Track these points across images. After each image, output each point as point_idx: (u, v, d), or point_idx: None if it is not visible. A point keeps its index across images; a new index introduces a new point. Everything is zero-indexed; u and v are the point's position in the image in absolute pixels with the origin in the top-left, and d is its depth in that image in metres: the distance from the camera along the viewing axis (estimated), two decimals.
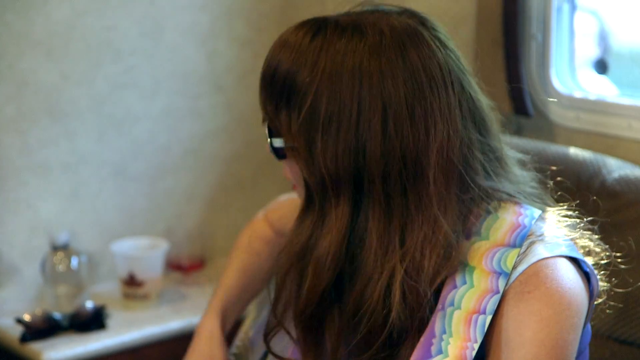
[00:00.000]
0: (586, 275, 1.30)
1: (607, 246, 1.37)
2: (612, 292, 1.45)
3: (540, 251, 1.27)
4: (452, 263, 1.26)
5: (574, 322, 1.25)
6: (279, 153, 1.34)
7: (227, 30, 2.67)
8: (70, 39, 2.45)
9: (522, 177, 1.38)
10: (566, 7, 2.17)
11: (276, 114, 1.30)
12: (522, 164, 1.40)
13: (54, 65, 2.44)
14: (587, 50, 2.22)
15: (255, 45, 2.72)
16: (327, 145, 1.25)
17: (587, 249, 1.34)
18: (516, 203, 1.32)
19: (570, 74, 2.19)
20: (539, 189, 1.40)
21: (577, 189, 1.49)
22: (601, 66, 2.20)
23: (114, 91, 2.53)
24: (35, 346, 2.27)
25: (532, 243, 1.28)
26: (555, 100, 2.12)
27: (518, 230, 1.29)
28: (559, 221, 1.35)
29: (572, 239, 1.33)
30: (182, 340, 2.40)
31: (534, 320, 1.23)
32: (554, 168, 1.42)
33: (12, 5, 2.36)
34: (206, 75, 2.67)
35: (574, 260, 1.29)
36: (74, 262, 2.41)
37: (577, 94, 2.16)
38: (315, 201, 1.29)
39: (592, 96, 2.13)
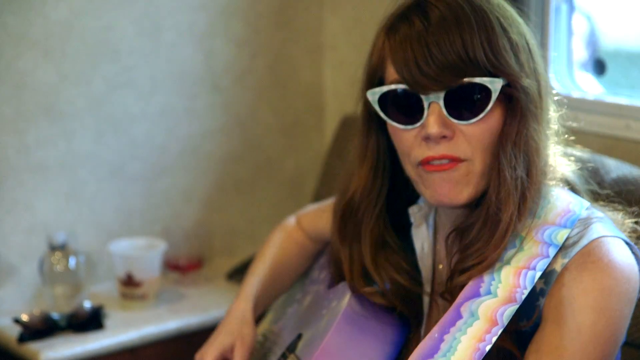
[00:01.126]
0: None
1: None
2: None
3: (600, 229, 1.33)
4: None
5: (631, 297, 1.31)
6: (489, 100, 1.36)
7: (225, 30, 2.67)
8: (68, 39, 2.45)
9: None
10: (564, 8, 2.17)
11: (487, 62, 1.34)
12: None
13: (52, 66, 2.44)
14: (577, 51, 2.23)
15: (252, 45, 2.72)
16: (523, 66, 1.37)
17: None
18: (566, 190, 1.40)
19: (568, 74, 2.19)
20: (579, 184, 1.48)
21: (575, 189, 1.49)
22: (599, 67, 2.20)
23: (111, 91, 2.53)
24: (33, 346, 2.26)
25: (591, 222, 1.34)
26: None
27: (569, 215, 1.35)
28: (605, 211, 1.41)
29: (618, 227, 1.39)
30: (180, 340, 2.41)
31: (595, 288, 1.28)
32: (552, 166, 1.43)
33: (10, 6, 2.36)
34: (204, 75, 2.67)
35: (627, 244, 1.35)
36: (72, 262, 2.40)
37: (575, 94, 2.16)
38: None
39: (590, 96, 2.13)
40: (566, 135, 1.47)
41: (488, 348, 1.25)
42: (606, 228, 1.34)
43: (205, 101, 2.68)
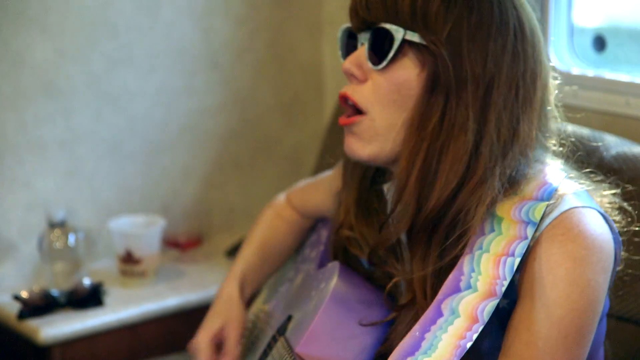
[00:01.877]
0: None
1: (629, 209, 1.41)
2: (627, 278, 1.47)
3: (572, 201, 1.31)
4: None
5: (605, 265, 1.29)
6: (399, 52, 1.32)
7: (224, 7, 2.66)
8: (66, 16, 2.44)
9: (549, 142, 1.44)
10: None
11: (409, 14, 1.31)
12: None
13: (50, 43, 2.43)
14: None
15: (251, 22, 2.71)
16: (471, 45, 1.30)
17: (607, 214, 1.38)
18: (543, 164, 1.37)
19: (568, 50, 2.18)
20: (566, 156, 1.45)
21: (576, 162, 1.49)
22: (599, 43, 2.20)
23: (110, 68, 2.52)
24: (32, 323, 2.27)
25: (564, 194, 1.32)
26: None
27: (546, 187, 1.33)
28: (584, 183, 1.39)
29: (596, 200, 1.37)
30: (180, 317, 2.42)
31: (567, 259, 1.27)
32: (552, 143, 1.43)
33: None
34: (202, 52, 2.66)
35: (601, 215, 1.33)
36: (71, 239, 2.40)
37: (575, 71, 2.15)
38: (438, 101, 1.31)
39: (590, 73, 2.13)
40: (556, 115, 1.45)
41: (469, 345, 1.24)
42: (579, 199, 1.32)
43: (204, 78, 2.68)
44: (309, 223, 1.77)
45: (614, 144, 1.80)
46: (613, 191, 1.41)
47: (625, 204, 1.42)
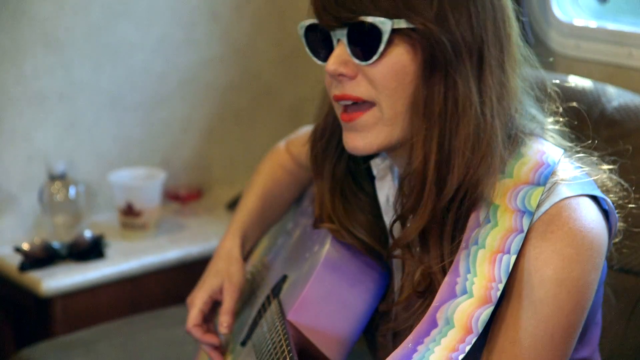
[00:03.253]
0: (605, 214, 1.30)
1: (626, 185, 1.38)
2: (629, 233, 1.46)
3: (563, 191, 1.27)
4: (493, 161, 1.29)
5: (595, 262, 1.26)
6: (388, 43, 1.27)
7: None
8: None
9: (540, 110, 1.39)
10: None
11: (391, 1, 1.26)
12: (539, 98, 1.41)
13: None
14: None
15: None
16: (459, 17, 1.27)
17: (605, 188, 1.35)
18: (537, 138, 1.33)
19: (570, 1, 2.17)
20: (559, 126, 1.40)
21: (576, 118, 1.48)
22: None
23: (109, 20, 2.51)
24: (34, 275, 2.28)
25: (555, 183, 1.28)
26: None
27: (542, 168, 1.29)
28: (580, 159, 1.35)
29: (592, 177, 1.33)
30: (180, 269, 2.43)
31: (556, 259, 1.24)
32: (555, 90, 1.42)
33: None
34: (202, 3, 2.64)
35: (594, 199, 1.29)
36: (72, 191, 2.40)
37: (578, 22, 2.14)
38: (437, 83, 1.28)
39: (592, 24, 2.12)
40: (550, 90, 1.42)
41: (461, 357, 1.21)
42: (571, 188, 1.28)
43: (204, 30, 2.66)
44: (308, 174, 1.74)
45: (617, 96, 1.79)
46: (610, 167, 1.38)
47: (622, 181, 1.39)
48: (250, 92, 2.78)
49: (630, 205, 1.40)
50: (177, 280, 2.45)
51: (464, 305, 1.25)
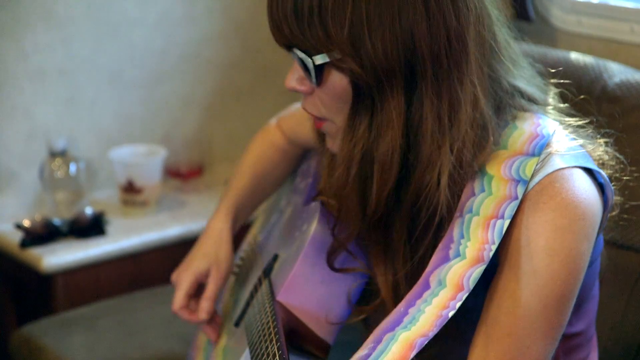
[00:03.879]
0: (601, 187, 1.30)
1: (622, 158, 1.38)
2: (627, 206, 1.46)
3: (556, 162, 1.27)
4: (486, 150, 1.27)
5: (587, 232, 1.26)
6: (320, 72, 1.27)
7: None
8: None
9: (540, 85, 1.38)
10: None
11: (310, 33, 1.24)
12: (539, 72, 1.40)
13: None
14: None
15: None
16: (376, 41, 1.23)
17: (601, 161, 1.35)
18: (534, 113, 1.33)
19: None
20: (555, 98, 1.40)
21: (578, 94, 1.48)
22: None
23: None
24: (35, 251, 2.28)
25: (549, 154, 1.28)
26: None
27: (537, 139, 1.29)
28: (576, 132, 1.35)
29: (587, 150, 1.33)
30: (181, 246, 2.42)
31: (548, 229, 1.24)
32: (555, 70, 1.41)
33: None
34: None
35: (589, 172, 1.29)
36: (72, 168, 2.40)
37: None
38: (365, 104, 1.27)
39: (594, 0, 2.11)
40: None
41: (451, 314, 1.22)
42: (565, 160, 1.28)
43: (204, 6, 2.65)
44: (300, 151, 1.72)
45: (618, 72, 1.78)
46: (607, 139, 1.38)
47: (617, 154, 1.39)
48: (251, 69, 2.77)
49: (625, 178, 1.40)
50: (177, 257, 2.43)
51: (456, 267, 1.25)
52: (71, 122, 2.51)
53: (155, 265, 2.45)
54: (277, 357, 1.23)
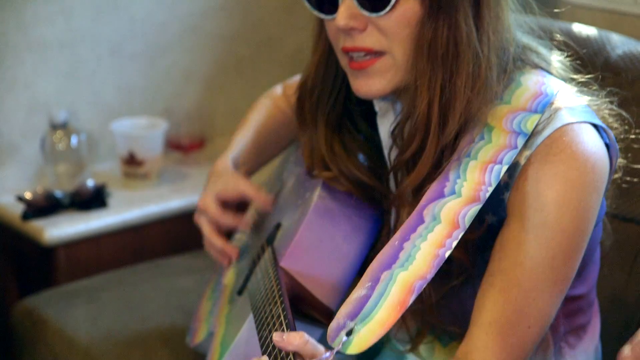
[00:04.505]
0: (606, 147, 1.31)
1: (627, 116, 1.38)
2: (629, 169, 1.47)
3: (565, 116, 1.29)
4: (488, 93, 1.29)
5: (597, 185, 1.28)
6: None
7: None
8: None
9: (546, 43, 1.40)
10: None
11: None
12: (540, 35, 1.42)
13: None
14: None
15: None
16: None
17: (605, 123, 1.35)
18: (540, 70, 1.34)
19: None
20: (561, 59, 1.41)
21: (581, 66, 1.47)
22: None
23: None
24: (36, 224, 2.28)
25: (557, 109, 1.29)
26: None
27: (540, 98, 1.30)
28: (581, 91, 1.36)
29: (592, 109, 1.34)
30: (183, 219, 2.43)
31: (558, 181, 1.25)
32: (558, 37, 1.41)
33: None
34: None
35: (595, 128, 1.30)
36: (74, 140, 2.40)
37: None
38: (437, 26, 1.29)
39: None
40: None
41: (447, 254, 1.22)
42: (573, 114, 1.29)
43: None
44: None
45: (621, 43, 1.78)
46: (610, 99, 1.39)
47: (623, 112, 1.40)
48: (252, 41, 2.76)
49: (632, 136, 1.41)
50: (179, 230, 2.46)
51: (451, 204, 1.26)
52: (72, 94, 2.51)
53: (157, 237, 2.45)
54: (282, 317, 1.24)
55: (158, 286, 2.16)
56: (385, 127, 1.44)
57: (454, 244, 1.23)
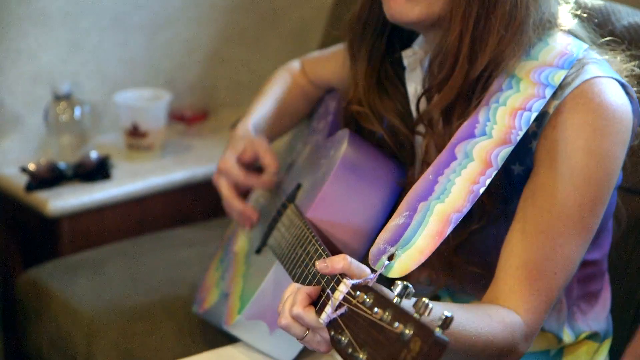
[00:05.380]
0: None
1: None
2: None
3: (593, 70, 1.32)
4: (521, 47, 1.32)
5: (624, 137, 1.30)
6: None
7: None
8: None
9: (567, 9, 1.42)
10: None
11: None
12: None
13: None
14: None
15: None
16: None
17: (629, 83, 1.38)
18: (566, 34, 1.36)
19: None
20: (585, 25, 1.44)
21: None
22: None
23: None
24: (40, 195, 2.28)
25: (585, 64, 1.32)
26: None
27: (567, 56, 1.33)
28: (606, 53, 1.39)
29: (615, 70, 1.36)
30: (186, 190, 2.43)
31: (587, 130, 1.28)
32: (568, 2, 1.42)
33: None
34: None
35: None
36: (77, 112, 2.40)
37: None
38: None
39: None
40: None
41: (482, 190, 1.25)
42: (601, 69, 1.32)
43: None
44: (319, 92, 1.76)
45: (626, 14, 1.77)
46: (632, 63, 1.40)
47: None
48: (256, 13, 2.75)
49: None
50: (183, 201, 2.46)
51: (483, 144, 1.28)
52: (75, 65, 2.50)
53: (160, 209, 2.45)
54: (320, 251, 1.24)
55: (162, 258, 2.17)
56: (413, 82, 1.47)
57: (488, 181, 1.25)
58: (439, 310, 1.00)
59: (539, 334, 1.39)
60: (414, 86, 1.48)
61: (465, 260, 1.39)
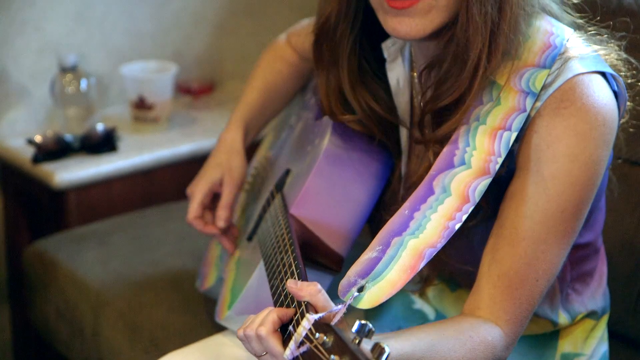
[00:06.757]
0: (614, 94, 1.30)
1: (635, 62, 1.37)
2: (636, 112, 1.46)
3: (575, 67, 1.27)
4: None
5: (607, 138, 1.27)
6: None
7: None
8: None
9: None
10: None
11: None
12: None
13: None
14: None
15: None
16: None
17: (614, 68, 1.34)
18: (547, 19, 1.32)
19: None
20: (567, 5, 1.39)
21: (593, 9, 1.46)
22: None
23: None
24: (47, 167, 2.28)
25: (567, 59, 1.28)
26: None
27: (549, 50, 1.29)
28: (589, 39, 1.34)
29: (601, 55, 1.32)
30: (192, 163, 2.43)
31: (569, 134, 1.25)
32: None
33: None
34: None
35: (604, 77, 1.29)
36: (83, 84, 2.40)
37: None
38: None
39: None
40: None
41: (457, 227, 1.23)
42: (583, 64, 1.28)
43: None
44: (309, 65, 1.72)
45: None
46: (619, 42, 1.37)
47: (632, 59, 1.38)
48: None
49: None
50: (189, 174, 2.44)
51: (461, 175, 1.26)
52: (81, 37, 2.50)
53: (167, 181, 2.45)
54: (293, 267, 1.24)
55: (168, 230, 2.17)
56: (394, 73, 1.44)
57: (464, 217, 1.23)
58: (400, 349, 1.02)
59: (533, 320, 1.38)
60: (395, 77, 1.44)
61: (456, 260, 1.38)
